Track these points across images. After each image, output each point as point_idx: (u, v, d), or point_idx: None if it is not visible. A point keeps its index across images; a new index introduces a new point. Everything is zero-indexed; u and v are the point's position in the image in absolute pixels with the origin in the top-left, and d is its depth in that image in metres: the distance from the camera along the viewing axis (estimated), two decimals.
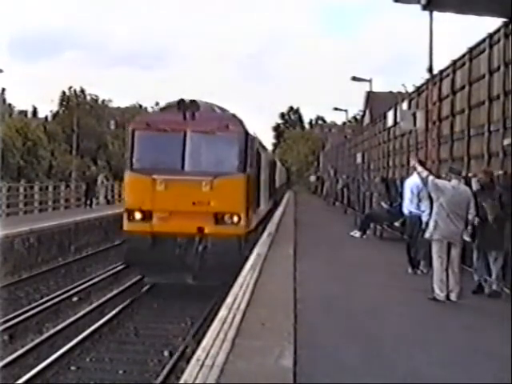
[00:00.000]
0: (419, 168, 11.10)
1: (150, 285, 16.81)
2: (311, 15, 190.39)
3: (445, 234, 10.44)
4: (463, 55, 17.05)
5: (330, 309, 9.66)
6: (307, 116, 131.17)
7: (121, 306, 14.88)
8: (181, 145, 16.10)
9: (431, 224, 10.61)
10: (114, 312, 14.34)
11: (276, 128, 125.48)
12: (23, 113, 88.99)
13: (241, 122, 16.70)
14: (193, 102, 16.43)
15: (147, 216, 15.90)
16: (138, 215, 15.96)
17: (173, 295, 16.04)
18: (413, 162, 12.00)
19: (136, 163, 16.43)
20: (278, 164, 44.86)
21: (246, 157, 16.40)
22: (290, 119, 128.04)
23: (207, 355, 6.68)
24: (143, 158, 16.40)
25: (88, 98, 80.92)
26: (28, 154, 65.24)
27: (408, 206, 13.62)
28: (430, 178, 10.80)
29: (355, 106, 78.15)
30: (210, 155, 16.40)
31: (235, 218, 15.90)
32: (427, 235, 10.70)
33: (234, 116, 16.92)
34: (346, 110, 50.38)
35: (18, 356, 11.26)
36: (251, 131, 17.45)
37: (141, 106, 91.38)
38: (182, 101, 16.40)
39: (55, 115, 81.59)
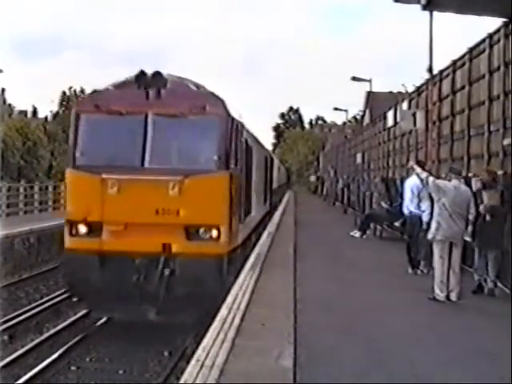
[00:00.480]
0: (418, 169, 11.08)
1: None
2: (311, 15, 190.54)
3: (447, 235, 10.43)
4: (463, 55, 17.06)
5: (330, 309, 9.66)
6: (307, 116, 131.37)
7: None
8: (140, 133, 12.17)
9: (433, 225, 10.59)
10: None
11: (276, 128, 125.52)
12: (23, 113, 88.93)
13: (222, 103, 12.49)
14: (157, 74, 12.34)
15: (95, 229, 12.05)
16: (82, 229, 12.12)
17: None
18: (410, 164, 12.00)
19: (80, 158, 12.43)
20: (276, 161, 39.99)
21: (229, 149, 12.41)
22: (290, 119, 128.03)
23: (207, 355, 6.68)
24: (90, 151, 12.48)
25: None
26: (28, 154, 65.21)
27: (408, 206, 13.62)
28: (431, 178, 10.79)
29: (355, 106, 78.12)
30: (180, 147, 12.59)
31: (214, 232, 11.96)
32: (430, 236, 10.67)
33: (213, 95, 12.59)
34: (346, 110, 50.62)
35: (17, 356, 11.27)
36: (237, 115, 13.47)
37: None
38: (142, 74, 12.31)
39: (55, 115, 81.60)
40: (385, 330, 8.51)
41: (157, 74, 12.34)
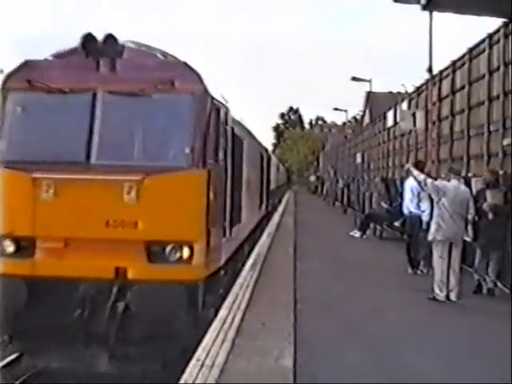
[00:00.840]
0: (415, 172, 11.09)
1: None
2: (311, 15, 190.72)
3: (448, 235, 10.45)
4: (463, 55, 17.09)
5: (330, 309, 9.67)
6: (307, 116, 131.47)
7: None
8: (86, 117, 9.06)
9: (433, 226, 10.59)
10: None
11: (276, 128, 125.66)
12: None
13: (198, 77, 9.23)
14: (110, 39, 9.20)
15: (26, 247, 8.87)
16: (8, 246, 8.92)
17: None
18: (407, 166, 12.02)
19: (6, 151, 9.21)
20: (274, 159, 36.02)
21: (207, 139, 9.14)
22: (290, 119, 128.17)
23: (207, 355, 6.69)
24: (19, 142, 9.29)
25: None
26: None
27: (408, 206, 13.64)
28: (429, 180, 10.81)
29: (355, 106, 78.15)
30: (140, 135, 9.34)
31: (185, 252, 8.74)
32: (430, 238, 10.67)
33: (185, 65, 9.31)
34: (345, 110, 50.74)
35: (18, 356, 11.25)
36: (219, 96, 10.09)
37: None
38: (89, 38, 9.21)
39: None
40: (384, 330, 8.52)
41: (110, 38, 9.20)
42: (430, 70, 17.28)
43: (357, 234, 19.81)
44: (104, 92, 9.12)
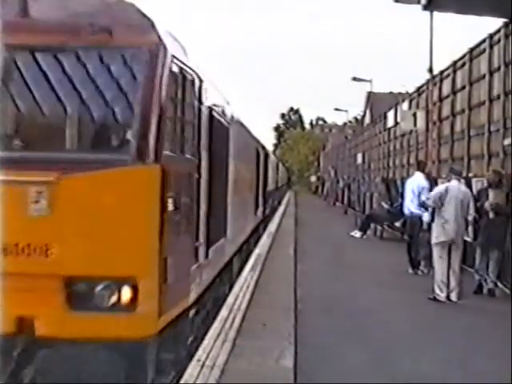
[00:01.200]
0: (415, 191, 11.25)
1: None
2: (311, 15, 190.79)
3: (451, 236, 10.45)
4: (463, 55, 17.11)
5: (331, 309, 9.66)
6: (308, 116, 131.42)
7: None
8: None
9: (437, 229, 10.57)
10: None
11: (276, 128, 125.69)
12: None
13: (152, 26, 5.99)
14: None
15: None
16: None
17: None
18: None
19: None
20: (273, 158, 32.52)
21: (162, 118, 5.79)
22: (291, 119, 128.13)
23: (208, 355, 6.69)
24: None
25: None
26: None
27: (409, 206, 13.64)
28: (431, 194, 10.92)
29: (356, 106, 78.28)
30: (58, 112, 5.93)
31: (124, 293, 5.48)
32: (434, 240, 10.66)
33: (132, 7, 6.03)
34: (346, 111, 50.90)
35: None
36: (189, 60, 6.81)
37: None
38: None
39: None
40: (385, 330, 8.52)
41: None
42: (430, 70, 17.30)
43: (357, 234, 19.81)
44: (8, 46, 5.80)
